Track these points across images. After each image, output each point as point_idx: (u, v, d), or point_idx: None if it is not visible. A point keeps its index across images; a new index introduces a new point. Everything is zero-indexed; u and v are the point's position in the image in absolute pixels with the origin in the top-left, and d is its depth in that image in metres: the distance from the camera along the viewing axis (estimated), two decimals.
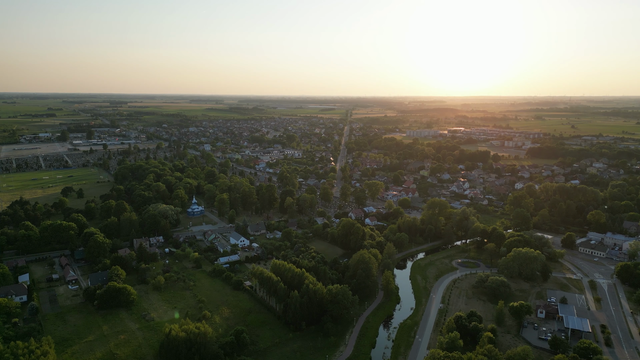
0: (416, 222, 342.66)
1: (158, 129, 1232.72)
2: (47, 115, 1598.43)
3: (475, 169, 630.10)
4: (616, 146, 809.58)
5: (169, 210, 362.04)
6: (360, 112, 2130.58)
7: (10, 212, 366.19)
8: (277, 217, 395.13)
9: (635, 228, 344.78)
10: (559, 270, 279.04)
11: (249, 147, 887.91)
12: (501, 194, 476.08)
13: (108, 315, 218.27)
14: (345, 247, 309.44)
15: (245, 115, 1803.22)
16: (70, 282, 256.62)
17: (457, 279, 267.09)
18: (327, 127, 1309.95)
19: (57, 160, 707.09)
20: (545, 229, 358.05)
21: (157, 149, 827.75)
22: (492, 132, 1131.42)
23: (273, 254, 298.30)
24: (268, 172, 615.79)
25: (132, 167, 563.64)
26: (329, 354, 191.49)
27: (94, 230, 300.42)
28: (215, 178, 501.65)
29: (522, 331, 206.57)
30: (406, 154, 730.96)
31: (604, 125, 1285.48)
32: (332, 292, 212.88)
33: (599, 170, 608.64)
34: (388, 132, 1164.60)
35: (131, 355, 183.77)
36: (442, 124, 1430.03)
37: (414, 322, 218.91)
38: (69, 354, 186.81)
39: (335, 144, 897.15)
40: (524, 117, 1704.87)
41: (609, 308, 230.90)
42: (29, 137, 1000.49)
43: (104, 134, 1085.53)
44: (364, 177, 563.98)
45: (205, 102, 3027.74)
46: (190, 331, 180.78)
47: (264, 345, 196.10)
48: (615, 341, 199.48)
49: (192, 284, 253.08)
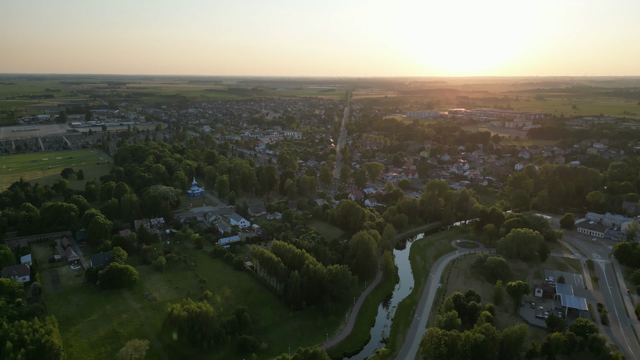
0: (416, 203, 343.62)
1: (157, 110, 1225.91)
2: (45, 96, 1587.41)
3: (476, 150, 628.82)
4: (617, 127, 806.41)
5: (170, 191, 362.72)
6: (360, 93, 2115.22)
7: (10, 194, 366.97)
8: (277, 198, 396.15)
9: (634, 208, 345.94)
10: (558, 251, 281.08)
11: (248, 128, 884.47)
12: (501, 175, 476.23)
13: (111, 295, 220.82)
14: (345, 228, 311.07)
15: (244, 96, 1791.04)
16: (73, 262, 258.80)
17: (456, 259, 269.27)
18: (327, 108, 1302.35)
19: (57, 142, 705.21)
20: (544, 209, 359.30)
21: (157, 131, 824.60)
22: (493, 113, 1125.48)
23: (273, 235, 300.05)
24: (268, 153, 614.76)
25: (132, 148, 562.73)
26: (329, 332, 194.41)
27: (95, 211, 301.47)
28: (215, 160, 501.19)
29: (520, 310, 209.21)
30: (406, 135, 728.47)
31: (606, 106, 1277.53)
32: (332, 272, 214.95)
33: (599, 151, 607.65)
34: (388, 113, 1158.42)
35: (134, 333, 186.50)
36: (442, 105, 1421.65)
37: (413, 301, 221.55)
38: (72, 333, 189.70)
39: (335, 126, 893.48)
40: (525, 97, 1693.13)
41: (606, 287, 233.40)
42: (27, 119, 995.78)
43: (102, 116, 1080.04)
44: (364, 159, 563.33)
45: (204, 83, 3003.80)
46: (192, 310, 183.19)
47: (265, 324, 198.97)
48: (611, 319, 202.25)
49: (194, 265, 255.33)
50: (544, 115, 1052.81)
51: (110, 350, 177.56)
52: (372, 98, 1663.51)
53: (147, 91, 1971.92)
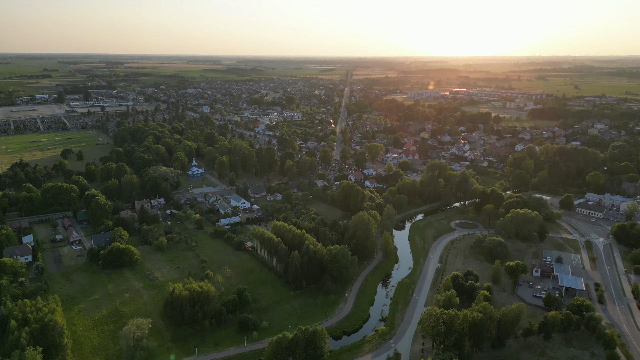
0: (416, 184, 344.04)
1: (156, 90, 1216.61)
2: (42, 76, 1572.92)
3: (476, 130, 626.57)
4: (619, 107, 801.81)
5: (169, 172, 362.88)
6: (360, 72, 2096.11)
7: (10, 174, 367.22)
8: (277, 179, 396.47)
9: (633, 189, 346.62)
10: (556, 231, 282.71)
11: (247, 109, 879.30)
12: (501, 155, 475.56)
13: (112, 275, 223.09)
14: (345, 209, 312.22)
15: (243, 77, 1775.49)
16: (74, 242, 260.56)
17: (455, 239, 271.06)
18: (327, 88, 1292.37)
19: (55, 122, 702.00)
20: (544, 190, 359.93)
21: (156, 111, 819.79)
22: (494, 93, 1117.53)
23: (273, 215, 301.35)
24: (267, 134, 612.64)
25: (131, 129, 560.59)
26: (328, 311, 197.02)
27: (95, 192, 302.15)
28: (214, 140, 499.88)
29: (517, 289, 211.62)
30: (407, 116, 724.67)
31: (608, 86, 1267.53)
32: (331, 253, 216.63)
33: (600, 131, 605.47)
34: (389, 94, 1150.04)
35: (136, 312, 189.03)
36: (443, 85, 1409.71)
37: (412, 281, 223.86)
38: (75, 312, 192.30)
39: (335, 106, 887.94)
40: (527, 77, 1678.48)
41: (604, 267, 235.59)
42: (25, 99, 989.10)
43: (101, 96, 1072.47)
44: (364, 140, 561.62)
45: (203, 63, 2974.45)
46: (193, 290, 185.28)
47: (265, 303, 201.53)
48: (608, 298, 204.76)
49: (194, 245, 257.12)
50: (546, 95, 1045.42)
51: (113, 328, 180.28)
52: (373, 78, 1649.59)
53: (146, 71, 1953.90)
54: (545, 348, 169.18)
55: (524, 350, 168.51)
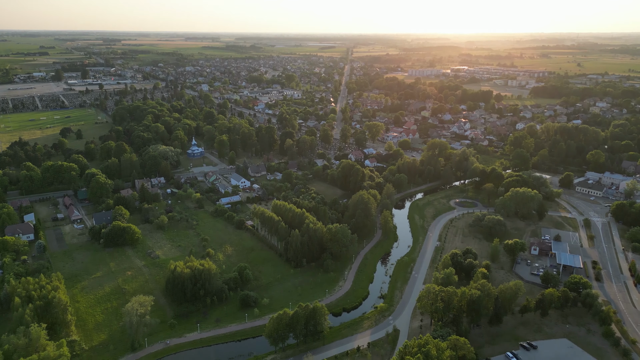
0: (416, 163, 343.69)
1: (154, 68, 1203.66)
2: (39, 53, 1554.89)
3: (477, 109, 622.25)
4: (621, 85, 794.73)
5: (169, 151, 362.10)
6: (361, 50, 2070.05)
7: (10, 153, 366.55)
8: (277, 158, 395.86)
9: (633, 167, 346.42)
10: (555, 210, 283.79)
11: (247, 87, 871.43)
12: (502, 134, 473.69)
13: (114, 253, 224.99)
14: (345, 188, 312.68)
15: (242, 54, 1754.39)
16: (75, 221, 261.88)
17: (454, 218, 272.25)
18: (327, 66, 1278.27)
19: (54, 101, 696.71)
20: (544, 169, 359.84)
21: (154, 89, 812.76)
22: (496, 71, 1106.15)
23: (274, 194, 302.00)
24: (267, 113, 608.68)
25: (130, 107, 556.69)
26: (328, 289, 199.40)
27: (95, 171, 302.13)
28: (214, 119, 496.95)
29: (515, 267, 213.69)
30: (407, 94, 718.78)
31: (611, 63, 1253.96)
32: (331, 231, 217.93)
33: (602, 109, 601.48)
34: (390, 72, 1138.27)
35: (139, 290, 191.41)
36: (445, 63, 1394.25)
37: (411, 259, 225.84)
38: (78, 289, 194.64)
39: (336, 84, 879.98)
40: (529, 55, 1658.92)
41: (602, 245, 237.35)
42: (23, 77, 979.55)
43: (99, 74, 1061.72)
44: (365, 119, 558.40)
45: (201, 40, 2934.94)
46: (195, 268, 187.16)
47: (266, 281, 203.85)
48: (605, 276, 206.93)
49: (195, 224, 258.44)
50: (548, 73, 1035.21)
51: (116, 305, 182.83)
52: (374, 56, 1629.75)
53: (143, 48, 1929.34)
54: (542, 324, 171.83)
55: (521, 326, 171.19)
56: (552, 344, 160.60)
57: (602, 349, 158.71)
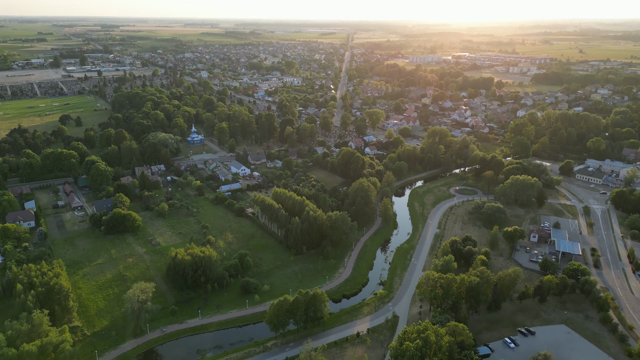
0: (416, 150, 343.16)
1: (153, 54, 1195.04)
2: (37, 40, 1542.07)
3: (478, 96, 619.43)
4: (623, 72, 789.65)
5: (169, 139, 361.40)
6: (361, 36, 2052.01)
7: (10, 140, 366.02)
8: (277, 146, 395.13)
9: (634, 155, 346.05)
10: (555, 197, 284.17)
11: (246, 74, 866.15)
12: (503, 121, 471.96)
13: (115, 240, 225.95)
14: (345, 176, 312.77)
15: (242, 40, 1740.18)
16: (76, 208, 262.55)
17: (454, 205, 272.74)
18: (327, 52, 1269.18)
19: (52, 88, 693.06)
20: (544, 156, 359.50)
21: (153, 76, 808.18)
22: (497, 58, 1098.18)
23: (274, 182, 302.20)
24: (267, 100, 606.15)
25: (129, 95, 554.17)
26: (328, 275, 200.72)
27: (95, 158, 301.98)
28: (213, 106, 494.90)
29: (515, 254, 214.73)
30: (408, 81, 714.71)
31: (613, 50, 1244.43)
32: (331, 219, 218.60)
33: (603, 96, 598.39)
34: (390, 58, 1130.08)
35: (140, 276, 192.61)
36: (446, 49, 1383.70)
37: (411, 246, 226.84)
38: (80, 276, 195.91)
39: (336, 71, 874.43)
40: (531, 41, 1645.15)
41: (601, 232, 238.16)
42: (21, 63, 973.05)
43: (97, 60, 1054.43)
44: (365, 106, 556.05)
45: (200, 26, 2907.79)
46: (195, 255, 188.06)
47: (266, 268, 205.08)
48: (603, 263, 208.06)
49: (196, 211, 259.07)
50: (550, 59, 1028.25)
51: (117, 292, 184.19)
52: (374, 42, 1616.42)
53: (142, 35, 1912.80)
54: (540, 310, 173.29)
55: (519, 312, 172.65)
56: (550, 330, 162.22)
57: (600, 334, 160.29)
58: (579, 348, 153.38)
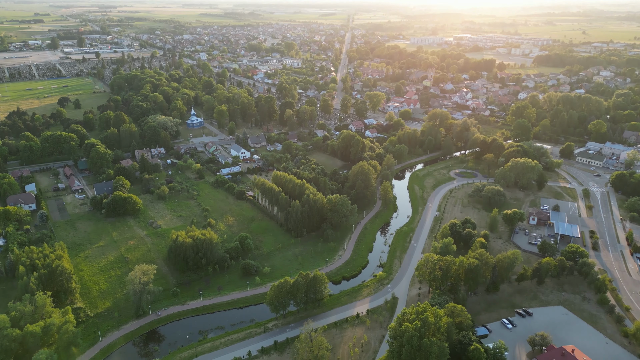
0: (416, 133, 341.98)
1: (151, 36, 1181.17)
2: (34, 21, 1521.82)
3: (479, 78, 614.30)
4: (626, 53, 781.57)
5: (169, 121, 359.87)
6: (362, 17, 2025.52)
7: (9, 123, 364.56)
8: (277, 129, 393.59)
9: (635, 138, 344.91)
10: (555, 180, 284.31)
11: (246, 55, 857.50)
12: (504, 104, 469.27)
13: (116, 223, 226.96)
14: (345, 159, 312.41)
15: (241, 21, 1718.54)
16: (77, 191, 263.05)
17: (454, 188, 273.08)
18: (327, 34, 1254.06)
19: (50, 70, 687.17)
20: (545, 139, 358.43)
21: (152, 58, 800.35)
22: (499, 39, 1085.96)
23: (274, 165, 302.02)
24: (267, 82, 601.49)
25: (128, 77, 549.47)
26: (328, 258, 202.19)
27: (95, 141, 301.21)
28: (212, 89, 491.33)
29: (514, 237, 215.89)
30: (409, 63, 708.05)
31: (616, 31, 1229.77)
32: (331, 202, 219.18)
33: (605, 78, 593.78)
34: (391, 40, 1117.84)
35: (141, 259, 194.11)
36: (447, 31, 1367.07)
37: (410, 229, 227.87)
38: (82, 258, 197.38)
39: (336, 53, 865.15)
40: (534, 22, 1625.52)
41: (600, 215, 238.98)
42: (18, 45, 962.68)
43: (95, 42, 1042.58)
44: (365, 88, 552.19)
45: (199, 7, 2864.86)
46: (196, 237, 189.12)
47: (267, 250, 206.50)
48: (602, 245, 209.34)
49: (196, 194, 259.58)
50: (552, 41, 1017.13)
51: (119, 273, 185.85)
52: (375, 23, 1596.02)
53: (140, 15, 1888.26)
54: (538, 292, 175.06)
55: (517, 294, 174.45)
56: (548, 311, 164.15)
57: (597, 315, 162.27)
58: (576, 329, 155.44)
